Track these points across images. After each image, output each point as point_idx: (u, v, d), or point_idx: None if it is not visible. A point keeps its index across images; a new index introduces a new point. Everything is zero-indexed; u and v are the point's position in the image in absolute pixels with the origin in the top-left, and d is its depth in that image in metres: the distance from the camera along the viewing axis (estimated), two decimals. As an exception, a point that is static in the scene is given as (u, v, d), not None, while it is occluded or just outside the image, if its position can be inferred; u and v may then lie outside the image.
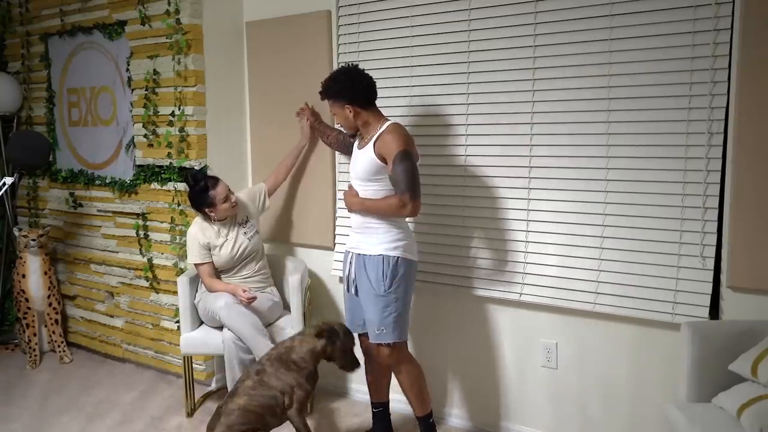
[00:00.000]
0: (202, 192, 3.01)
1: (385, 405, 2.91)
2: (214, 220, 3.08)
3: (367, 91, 2.61)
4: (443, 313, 3.08)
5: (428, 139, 3.00)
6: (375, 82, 2.65)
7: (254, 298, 2.98)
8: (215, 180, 3.04)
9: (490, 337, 2.97)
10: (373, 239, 2.62)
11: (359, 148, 2.68)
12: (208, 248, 3.07)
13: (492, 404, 3.00)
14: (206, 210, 3.04)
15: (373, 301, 2.60)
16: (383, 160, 2.54)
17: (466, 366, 3.06)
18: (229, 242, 3.09)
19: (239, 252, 3.10)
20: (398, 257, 2.58)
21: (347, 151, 2.94)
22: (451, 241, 2.97)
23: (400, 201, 2.51)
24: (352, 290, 2.74)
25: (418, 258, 2.73)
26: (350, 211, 2.70)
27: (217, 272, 3.11)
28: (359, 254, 2.67)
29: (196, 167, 3.39)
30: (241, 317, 2.93)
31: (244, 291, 2.97)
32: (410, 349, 2.89)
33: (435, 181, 3.00)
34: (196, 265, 3.10)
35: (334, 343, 2.57)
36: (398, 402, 2.94)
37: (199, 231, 3.08)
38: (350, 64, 2.72)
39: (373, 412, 2.92)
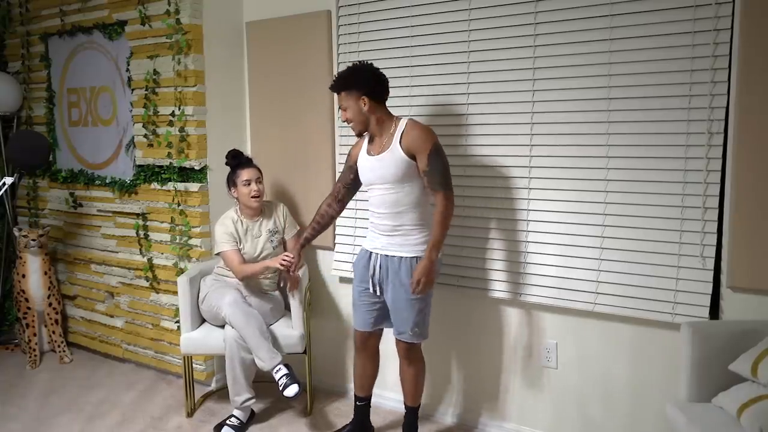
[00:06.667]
0: (232, 169, 3.15)
1: (368, 399, 2.94)
2: (240, 213, 3.16)
3: (383, 86, 2.60)
4: (443, 312, 3.07)
5: (428, 139, 3.00)
6: (389, 81, 2.64)
7: (293, 263, 2.91)
8: (248, 163, 3.15)
9: (489, 337, 2.97)
10: (404, 240, 2.59)
11: (375, 153, 2.60)
12: (235, 238, 3.10)
13: (492, 404, 3.00)
14: (231, 190, 3.16)
15: (408, 303, 2.59)
16: (413, 157, 2.52)
17: (466, 365, 3.06)
18: (253, 243, 3.14)
19: (260, 255, 3.13)
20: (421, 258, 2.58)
21: (351, 192, 2.82)
22: (451, 241, 2.97)
23: (445, 202, 2.49)
24: (377, 291, 2.69)
25: None
26: (432, 277, 2.53)
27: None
28: (388, 256, 2.62)
29: (196, 167, 3.40)
30: (246, 317, 2.93)
31: (285, 259, 2.90)
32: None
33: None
34: (223, 253, 3.09)
35: None
36: (389, 400, 2.94)
37: (228, 222, 3.14)
38: (367, 62, 2.66)
39: (356, 405, 2.93)
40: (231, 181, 3.15)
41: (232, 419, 3.04)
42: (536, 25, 2.68)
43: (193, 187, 3.44)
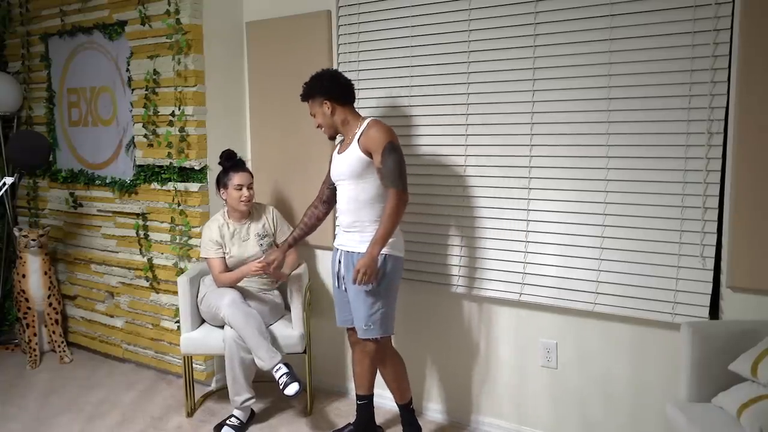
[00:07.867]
0: (224, 170, 3.12)
1: (369, 398, 2.92)
2: (228, 215, 3.16)
3: (345, 89, 2.68)
4: (443, 312, 3.08)
5: (428, 139, 3.00)
6: (353, 84, 2.70)
7: (268, 265, 2.94)
8: (242, 167, 3.14)
9: (489, 337, 2.97)
10: (360, 237, 2.64)
11: (341, 152, 2.69)
12: (220, 245, 3.10)
13: (492, 404, 3.01)
14: (220, 190, 3.14)
15: (361, 298, 2.61)
16: (369, 155, 2.58)
17: (466, 365, 3.06)
18: (241, 246, 3.14)
19: (248, 259, 3.12)
20: (385, 254, 2.58)
21: (335, 192, 2.81)
22: (451, 241, 2.97)
23: (395, 199, 2.52)
24: (342, 286, 2.74)
25: (406, 254, 2.73)
26: (371, 270, 2.53)
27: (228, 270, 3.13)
28: (348, 251, 2.68)
29: (196, 167, 3.40)
30: (245, 317, 2.93)
31: (259, 263, 2.96)
32: (410, 347, 2.90)
33: (435, 181, 3.00)
34: (206, 259, 3.13)
35: None
36: (388, 399, 2.93)
37: (214, 226, 3.14)
38: (331, 68, 2.77)
39: (357, 404, 2.92)
40: (222, 183, 3.14)
41: (232, 419, 3.05)
42: (536, 25, 2.68)
43: (193, 187, 3.44)
